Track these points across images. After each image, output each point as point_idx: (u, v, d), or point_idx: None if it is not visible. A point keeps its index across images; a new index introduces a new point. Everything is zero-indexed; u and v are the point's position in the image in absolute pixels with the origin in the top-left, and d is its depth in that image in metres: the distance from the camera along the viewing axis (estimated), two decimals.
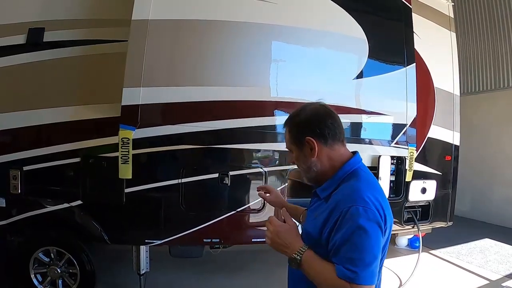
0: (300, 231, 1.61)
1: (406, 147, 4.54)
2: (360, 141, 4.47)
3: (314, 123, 1.55)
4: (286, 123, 1.66)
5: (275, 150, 4.14)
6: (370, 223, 1.34)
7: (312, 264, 1.40)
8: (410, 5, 4.65)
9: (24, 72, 3.86)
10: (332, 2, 4.18)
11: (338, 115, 1.63)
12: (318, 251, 1.42)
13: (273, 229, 1.49)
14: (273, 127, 4.05)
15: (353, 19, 4.25)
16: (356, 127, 4.46)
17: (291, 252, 1.44)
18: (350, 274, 1.30)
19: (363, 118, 4.41)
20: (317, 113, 1.59)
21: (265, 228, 1.56)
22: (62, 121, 3.79)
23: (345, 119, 4.31)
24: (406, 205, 4.77)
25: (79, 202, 3.79)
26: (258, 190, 2.21)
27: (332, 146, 1.56)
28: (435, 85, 4.99)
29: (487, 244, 7.04)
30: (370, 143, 4.46)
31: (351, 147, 4.71)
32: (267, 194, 2.16)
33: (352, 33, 4.28)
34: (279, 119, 4.05)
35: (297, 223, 1.99)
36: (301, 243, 1.46)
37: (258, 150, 4.12)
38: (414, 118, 4.54)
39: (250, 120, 3.90)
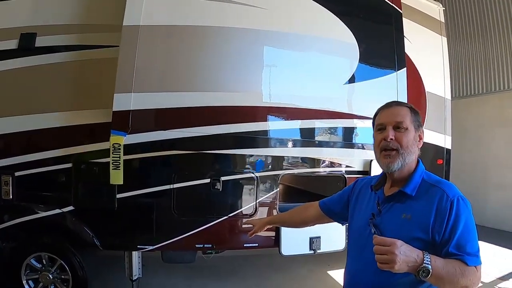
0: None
1: None
2: (352, 145, 4.49)
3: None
4: (402, 103, 1.70)
5: (266, 155, 4.16)
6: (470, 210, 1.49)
7: (441, 265, 1.34)
8: (401, 10, 4.67)
9: (15, 77, 3.85)
10: (323, 8, 4.20)
11: (330, 120, 1.68)
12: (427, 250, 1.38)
13: (398, 248, 1.30)
14: (265, 132, 4.06)
15: (343, 24, 4.27)
16: (348, 132, 4.48)
17: (420, 263, 1.32)
18: (477, 259, 1.40)
19: (355, 123, 4.41)
20: None
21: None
22: (53, 126, 3.79)
23: (337, 124, 4.36)
24: None
25: (70, 207, 3.78)
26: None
27: None
28: (426, 90, 5.00)
29: (481, 246, 7.04)
30: (362, 147, 4.48)
31: (343, 151, 4.71)
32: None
33: (342, 38, 4.31)
34: (270, 124, 4.10)
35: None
36: (418, 250, 1.35)
37: (250, 155, 4.12)
38: None
39: (241, 125, 3.92)
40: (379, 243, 1.34)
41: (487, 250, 6.81)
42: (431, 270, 1.30)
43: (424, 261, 1.31)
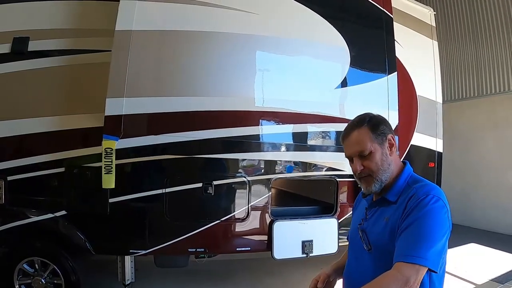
0: None
1: None
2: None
3: (388, 123, 1.63)
4: (359, 124, 1.60)
5: (258, 159, 4.18)
6: (439, 209, 1.41)
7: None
8: (392, 14, 4.72)
9: (8, 81, 3.85)
10: (314, 13, 4.23)
11: (321, 124, 1.63)
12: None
13: None
14: (256, 136, 4.08)
15: (334, 29, 4.31)
16: (339, 136, 4.46)
17: None
18: (412, 259, 1.33)
19: None
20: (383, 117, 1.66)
21: None
22: (46, 130, 3.78)
23: (328, 128, 4.39)
24: None
25: (63, 212, 3.78)
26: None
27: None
28: (417, 93, 5.05)
29: (473, 248, 7.09)
30: None
31: (335, 155, 4.72)
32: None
33: (333, 42, 4.34)
34: (262, 128, 4.11)
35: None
36: None
37: (242, 160, 4.13)
38: (396, 126, 4.59)
39: (233, 130, 3.94)
40: None
41: (479, 252, 6.87)
42: None
43: None
